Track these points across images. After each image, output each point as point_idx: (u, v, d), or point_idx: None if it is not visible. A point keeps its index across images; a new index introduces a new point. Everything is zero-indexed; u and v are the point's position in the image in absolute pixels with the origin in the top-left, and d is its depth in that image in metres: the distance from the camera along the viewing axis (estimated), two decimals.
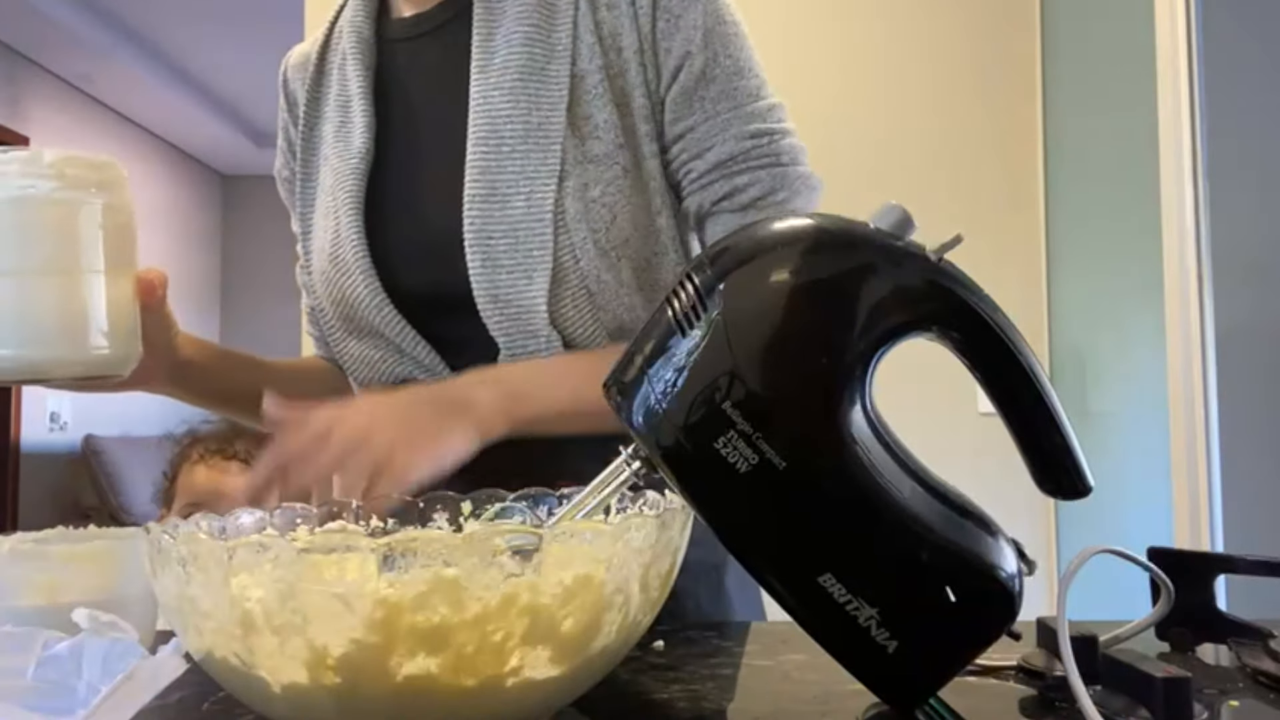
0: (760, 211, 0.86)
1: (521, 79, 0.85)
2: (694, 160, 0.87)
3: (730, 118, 0.86)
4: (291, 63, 1.03)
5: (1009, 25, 2.67)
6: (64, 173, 0.68)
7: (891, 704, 0.47)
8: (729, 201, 0.86)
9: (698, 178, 0.87)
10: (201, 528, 0.53)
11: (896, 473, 0.46)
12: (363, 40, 0.94)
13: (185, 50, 4.72)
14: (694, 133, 0.86)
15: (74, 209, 0.69)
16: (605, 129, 0.86)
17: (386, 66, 0.94)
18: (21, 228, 0.68)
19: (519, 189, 0.83)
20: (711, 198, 0.86)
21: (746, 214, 0.85)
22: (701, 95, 0.86)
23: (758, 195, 0.86)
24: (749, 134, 0.86)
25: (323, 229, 0.93)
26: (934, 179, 2.61)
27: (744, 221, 0.85)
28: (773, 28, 2.83)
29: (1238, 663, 0.57)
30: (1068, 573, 0.50)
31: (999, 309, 0.47)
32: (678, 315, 0.46)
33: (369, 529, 0.63)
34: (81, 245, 0.70)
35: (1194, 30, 1.98)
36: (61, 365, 0.70)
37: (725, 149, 0.86)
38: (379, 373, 0.90)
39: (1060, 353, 2.56)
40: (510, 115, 0.85)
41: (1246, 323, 1.97)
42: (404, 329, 0.87)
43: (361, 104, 0.92)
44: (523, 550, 0.42)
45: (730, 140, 0.86)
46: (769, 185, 0.86)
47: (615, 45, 0.87)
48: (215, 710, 0.53)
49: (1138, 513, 2.20)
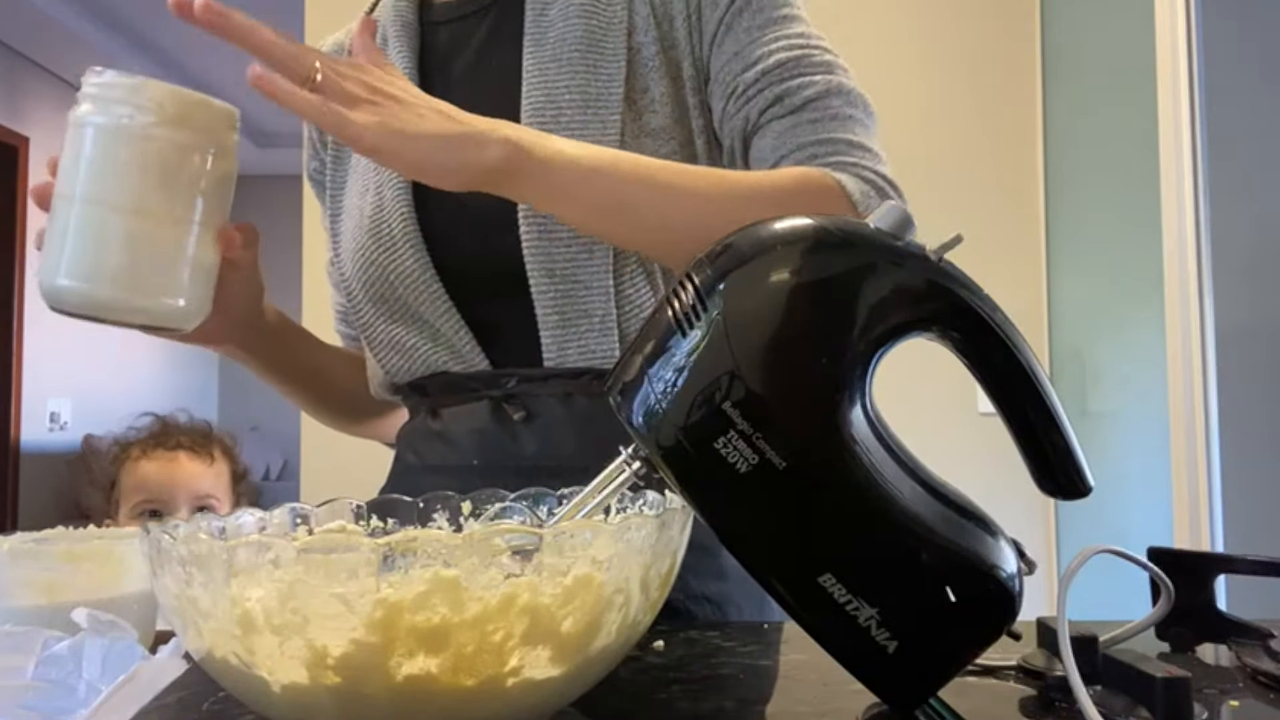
0: (813, 113, 0.80)
1: (580, 51, 0.85)
2: (741, 75, 0.82)
3: (778, 34, 0.83)
4: (325, 50, 1.02)
5: (1009, 25, 2.67)
6: (165, 108, 0.65)
7: (891, 704, 0.47)
8: (779, 106, 0.80)
9: (744, 90, 0.82)
10: (201, 528, 0.53)
11: (896, 473, 0.46)
12: (406, 25, 0.94)
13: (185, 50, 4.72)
14: (740, 53, 0.82)
15: (174, 150, 0.66)
16: (661, 102, 0.85)
17: (429, 48, 0.95)
18: (113, 159, 0.65)
19: None
20: (760, 106, 0.81)
21: (799, 116, 0.80)
22: (746, 24, 0.84)
23: (812, 96, 0.80)
24: (799, 45, 0.82)
25: (358, 207, 0.92)
26: (934, 179, 2.61)
27: (795, 124, 0.80)
28: None
29: (1238, 663, 0.57)
30: (1068, 573, 0.50)
31: (999, 309, 0.47)
32: (678, 315, 0.46)
33: (369, 529, 0.63)
34: (175, 190, 0.66)
35: (1194, 30, 1.98)
36: (129, 311, 0.67)
37: (775, 58, 0.81)
38: (411, 360, 0.89)
39: (1060, 353, 2.56)
40: (569, 86, 0.84)
41: (1246, 323, 1.97)
42: (446, 308, 0.86)
43: None
44: (523, 550, 0.42)
45: (779, 50, 0.81)
46: (825, 88, 0.81)
47: (667, 15, 0.87)
48: (215, 710, 0.53)
49: (1138, 513, 2.20)
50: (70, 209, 0.65)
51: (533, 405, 0.85)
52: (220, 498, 1.63)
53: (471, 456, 0.86)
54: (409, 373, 0.90)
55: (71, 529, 0.72)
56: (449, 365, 0.88)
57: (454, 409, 0.89)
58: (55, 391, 4.70)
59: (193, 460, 1.63)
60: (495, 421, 0.86)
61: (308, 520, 0.61)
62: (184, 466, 1.61)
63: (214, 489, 1.63)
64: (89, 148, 0.65)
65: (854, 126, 0.81)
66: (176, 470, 1.61)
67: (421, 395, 0.92)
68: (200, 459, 1.64)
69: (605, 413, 0.85)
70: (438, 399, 0.90)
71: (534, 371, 0.85)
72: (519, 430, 0.85)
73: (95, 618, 0.48)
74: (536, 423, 0.85)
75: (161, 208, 0.66)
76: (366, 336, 0.93)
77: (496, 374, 0.86)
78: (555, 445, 0.85)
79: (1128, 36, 2.22)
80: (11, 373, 4.40)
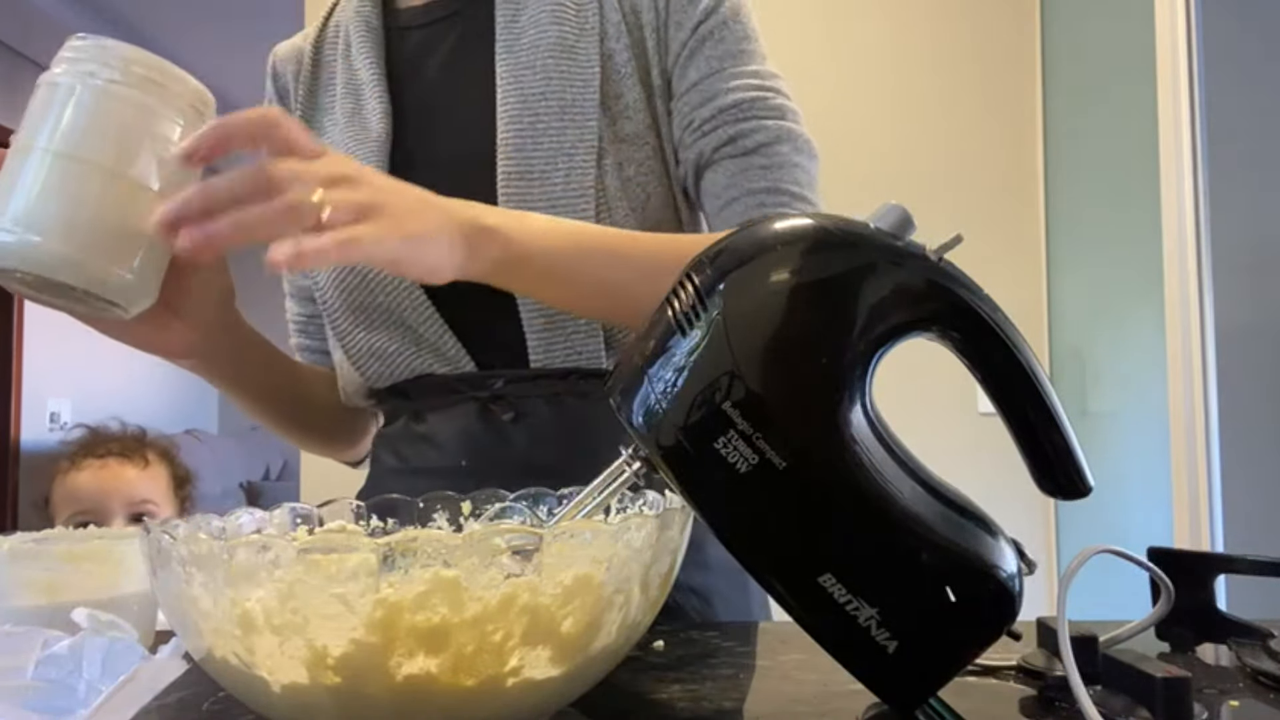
0: (764, 158, 0.84)
1: (554, 57, 0.85)
2: (699, 109, 0.85)
3: (737, 71, 0.85)
4: (281, 55, 1.01)
5: (1009, 25, 2.67)
6: (133, 69, 0.62)
7: (891, 704, 0.47)
8: (732, 146, 0.84)
9: (700, 124, 0.84)
10: (201, 528, 0.53)
11: (896, 473, 0.46)
12: (372, 29, 0.93)
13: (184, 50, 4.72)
14: (700, 85, 0.85)
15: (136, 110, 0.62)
16: (635, 108, 0.85)
17: (396, 53, 0.93)
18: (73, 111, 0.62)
19: (556, 166, 0.82)
20: (714, 144, 0.84)
21: (750, 159, 0.83)
22: (709, 54, 0.85)
23: (763, 141, 0.84)
24: (755, 85, 0.85)
25: None
26: (934, 179, 2.61)
27: (746, 167, 0.83)
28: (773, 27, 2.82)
29: (1238, 663, 0.57)
30: (1068, 573, 0.50)
31: (999, 309, 0.47)
32: (678, 315, 0.46)
33: (369, 529, 0.63)
34: (136, 152, 0.62)
35: (1194, 30, 1.98)
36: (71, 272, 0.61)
37: (732, 97, 0.84)
38: (393, 366, 0.88)
39: (1060, 353, 2.56)
40: (544, 93, 0.84)
41: (1246, 323, 1.97)
42: (430, 314, 0.85)
43: (376, 90, 0.91)
44: (523, 550, 0.42)
45: (737, 90, 0.84)
46: (775, 134, 0.84)
47: (638, 24, 0.87)
48: (215, 710, 0.53)
49: (1138, 513, 2.20)
50: (24, 160, 0.62)
51: (521, 406, 0.85)
52: (158, 502, 1.58)
53: (459, 458, 0.86)
54: (390, 377, 0.89)
55: (71, 529, 0.72)
56: (433, 368, 0.87)
57: (439, 411, 0.88)
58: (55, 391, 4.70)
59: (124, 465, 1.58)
60: (483, 422, 0.86)
61: (308, 520, 0.61)
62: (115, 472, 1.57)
63: (150, 494, 1.58)
64: (49, 101, 0.63)
65: (799, 175, 0.84)
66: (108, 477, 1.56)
67: (403, 399, 0.90)
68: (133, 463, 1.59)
69: (594, 412, 0.87)
70: (421, 402, 0.89)
71: (521, 372, 0.85)
72: (508, 430, 0.85)
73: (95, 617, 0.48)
74: (525, 423, 0.85)
75: (119, 166, 0.62)
76: (343, 344, 0.90)
77: (483, 375, 0.86)
78: (545, 445, 0.84)
79: (1128, 36, 2.22)
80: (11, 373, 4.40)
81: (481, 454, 0.85)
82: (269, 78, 1.01)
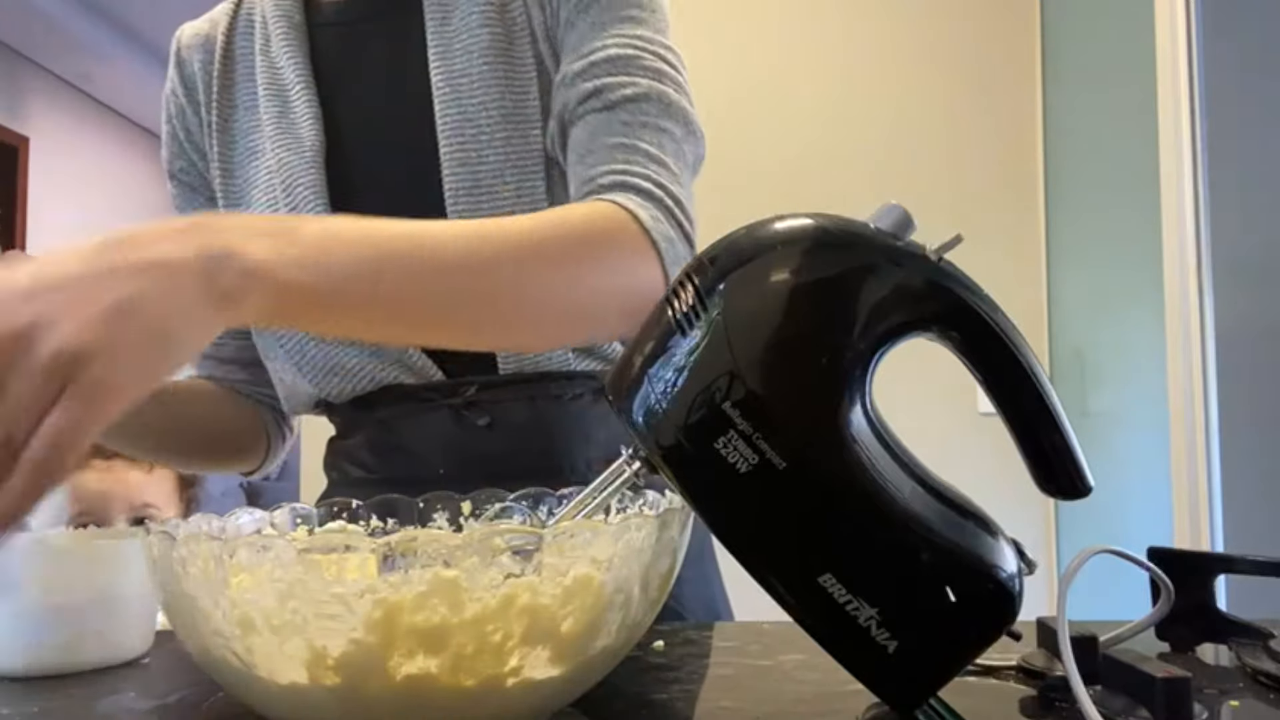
0: (626, 114, 0.75)
1: (489, 63, 0.81)
2: (572, 64, 0.78)
3: (619, 30, 0.78)
4: (187, 42, 0.95)
5: (1009, 25, 2.67)
6: None
7: (891, 704, 0.47)
8: (596, 99, 0.76)
9: (570, 78, 0.77)
10: (201, 528, 0.53)
11: (896, 473, 0.46)
12: (294, 25, 0.89)
13: None
14: (578, 47, 0.78)
15: None
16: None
17: (319, 51, 0.89)
18: None
19: (505, 179, 0.80)
20: (579, 96, 0.76)
21: (614, 114, 0.75)
22: (593, 19, 0.79)
23: (630, 96, 0.75)
24: (633, 43, 0.77)
25: None
26: (934, 179, 2.61)
27: (610, 121, 0.75)
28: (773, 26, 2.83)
29: (1238, 663, 0.57)
30: (1068, 573, 0.50)
31: (999, 309, 0.47)
32: (677, 315, 0.46)
33: (369, 529, 0.63)
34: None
35: (1194, 30, 1.98)
36: None
37: (606, 53, 0.77)
38: (356, 380, 0.84)
39: (1060, 353, 2.57)
40: (484, 102, 0.81)
41: (1246, 323, 1.97)
42: None
43: (305, 93, 0.86)
44: (523, 550, 0.42)
45: (612, 45, 0.77)
46: (644, 90, 0.76)
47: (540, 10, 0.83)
48: (215, 710, 0.53)
49: (1138, 513, 2.20)
50: None
51: (494, 411, 0.84)
52: (160, 505, 1.59)
53: (437, 466, 0.84)
54: (351, 391, 0.85)
55: (71, 529, 0.72)
56: (401, 379, 0.84)
57: (409, 419, 0.86)
58: None
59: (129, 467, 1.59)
60: (459, 429, 0.84)
61: (308, 520, 0.61)
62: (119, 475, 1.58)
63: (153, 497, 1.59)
64: None
65: (662, 139, 0.76)
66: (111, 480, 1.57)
67: (364, 409, 0.87)
68: (138, 465, 1.61)
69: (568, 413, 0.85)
70: (387, 411, 0.86)
71: (493, 378, 0.84)
72: (484, 436, 0.84)
73: None
74: (502, 427, 0.84)
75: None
76: (294, 360, 0.86)
77: (454, 383, 0.84)
78: (524, 447, 0.83)
79: (1128, 36, 2.22)
80: None
81: (460, 461, 0.84)
82: (173, 64, 0.94)
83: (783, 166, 2.54)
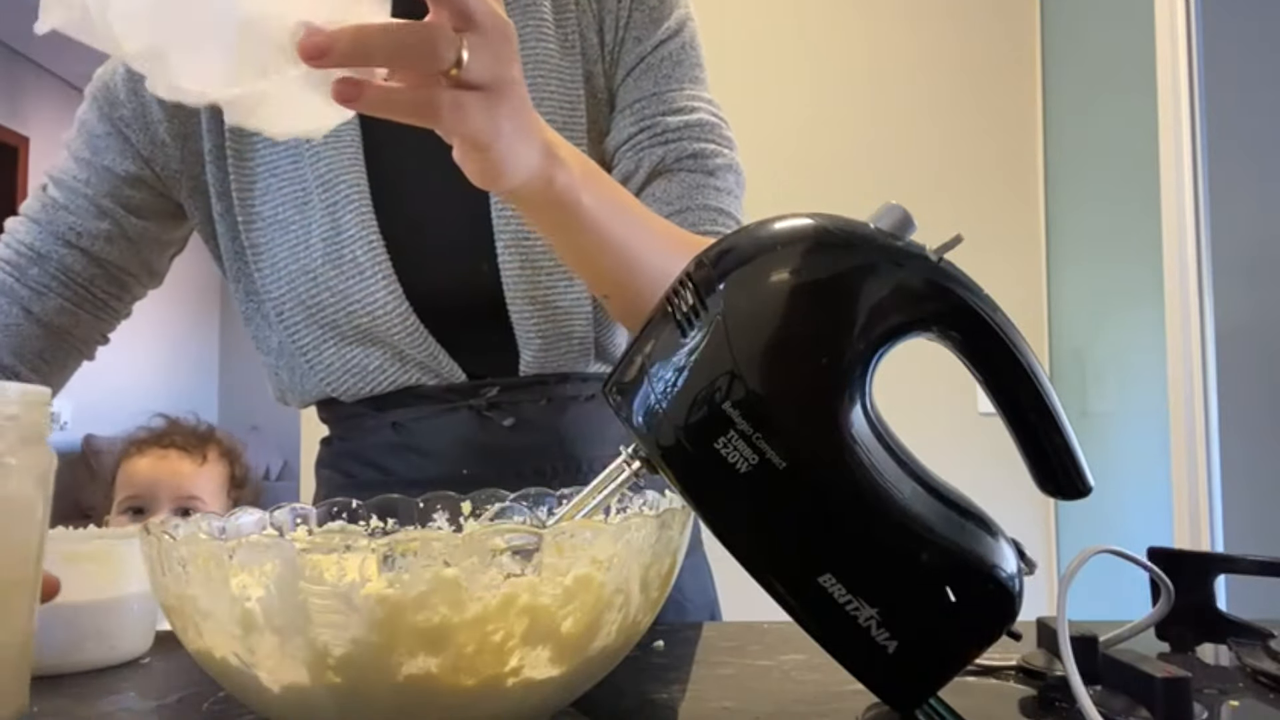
0: (719, 181, 0.85)
1: (543, 76, 0.83)
2: (664, 116, 0.85)
3: (697, 93, 0.87)
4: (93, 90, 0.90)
5: (1009, 26, 2.67)
6: None
7: (891, 704, 0.47)
8: (694, 161, 0.84)
9: (664, 131, 0.84)
10: (201, 528, 0.53)
11: (896, 473, 0.46)
12: None
13: None
14: (662, 95, 0.85)
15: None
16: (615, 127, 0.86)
17: None
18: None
19: None
20: (677, 154, 0.84)
21: (709, 179, 0.84)
22: (668, 72, 0.86)
23: (720, 165, 0.85)
24: (713, 113, 0.87)
25: (297, 222, 0.83)
26: (934, 179, 2.61)
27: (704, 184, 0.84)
28: (773, 25, 2.83)
29: (1238, 663, 0.57)
30: (1068, 573, 0.50)
31: (999, 309, 0.47)
32: (678, 315, 0.46)
33: (369, 529, 0.63)
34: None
35: (1194, 30, 1.98)
36: None
37: (697, 115, 0.85)
38: (374, 381, 0.84)
39: (1060, 353, 2.57)
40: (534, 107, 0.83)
41: (1246, 323, 1.97)
42: (422, 335, 0.82)
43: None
44: (523, 550, 0.42)
45: (700, 110, 0.86)
46: (728, 162, 0.86)
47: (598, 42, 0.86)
48: (215, 710, 0.53)
49: (1138, 513, 2.20)
50: None
51: (517, 411, 0.85)
52: (207, 500, 1.60)
53: (460, 467, 0.84)
54: (368, 391, 0.85)
55: (71, 529, 0.72)
56: (421, 381, 0.84)
57: (427, 421, 0.85)
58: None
59: (183, 459, 1.62)
60: (481, 430, 0.84)
61: (308, 520, 0.61)
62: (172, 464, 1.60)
63: (200, 490, 1.61)
64: None
65: (734, 205, 0.86)
66: (163, 468, 1.59)
67: (376, 410, 0.87)
68: (191, 458, 1.63)
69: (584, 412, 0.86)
70: (404, 413, 0.86)
71: (514, 379, 0.84)
72: (508, 437, 0.84)
73: None
74: (525, 427, 0.85)
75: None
76: (306, 359, 0.85)
77: (475, 384, 0.85)
78: (546, 446, 0.84)
79: (1128, 36, 2.22)
80: None
81: (484, 462, 0.84)
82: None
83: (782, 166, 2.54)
